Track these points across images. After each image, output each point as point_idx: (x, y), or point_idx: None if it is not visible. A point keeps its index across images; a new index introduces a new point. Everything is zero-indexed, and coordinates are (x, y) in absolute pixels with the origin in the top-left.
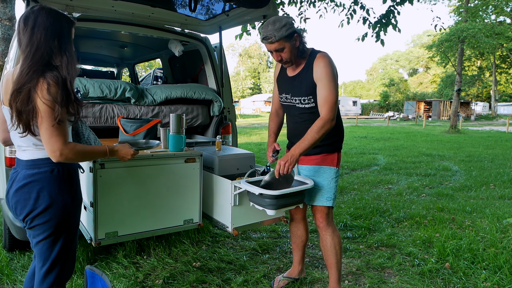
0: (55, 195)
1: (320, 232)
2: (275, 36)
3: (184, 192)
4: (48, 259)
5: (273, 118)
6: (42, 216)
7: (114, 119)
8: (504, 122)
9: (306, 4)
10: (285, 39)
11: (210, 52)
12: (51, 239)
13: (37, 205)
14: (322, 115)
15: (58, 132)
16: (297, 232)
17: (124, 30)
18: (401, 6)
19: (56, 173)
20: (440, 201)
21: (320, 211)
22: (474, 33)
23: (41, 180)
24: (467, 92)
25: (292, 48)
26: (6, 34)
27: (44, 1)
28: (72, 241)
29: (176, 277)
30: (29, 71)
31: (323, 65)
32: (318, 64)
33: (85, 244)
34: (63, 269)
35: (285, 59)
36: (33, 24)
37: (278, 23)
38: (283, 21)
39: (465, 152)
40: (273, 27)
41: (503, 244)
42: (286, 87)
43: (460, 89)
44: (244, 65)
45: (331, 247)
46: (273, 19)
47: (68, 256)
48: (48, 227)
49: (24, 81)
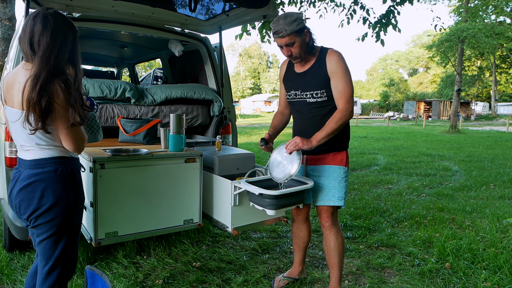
0: (59, 194)
1: (324, 231)
2: (286, 30)
3: (184, 192)
4: (51, 258)
5: (277, 115)
6: (46, 215)
7: (114, 119)
8: (504, 122)
9: (306, 4)
10: (296, 33)
11: (210, 52)
12: (55, 238)
13: (41, 204)
14: (340, 107)
15: (76, 132)
16: (299, 233)
17: (124, 30)
18: (401, 6)
19: (60, 172)
20: (440, 201)
21: (327, 211)
22: (474, 33)
23: (45, 179)
24: (467, 92)
25: (302, 43)
26: (6, 34)
27: (44, 1)
28: (75, 241)
29: (176, 277)
30: (48, 74)
31: (337, 59)
32: (331, 59)
33: (85, 244)
34: (66, 268)
35: (295, 54)
36: (52, 28)
37: (289, 18)
38: (294, 16)
39: (465, 152)
40: (284, 21)
41: (503, 244)
42: (295, 83)
43: (460, 89)
44: (244, 65)
45: (335, 247)
46: (284, 14)
47: (71, 255)
48: (52, 225)
49: (42, 83)
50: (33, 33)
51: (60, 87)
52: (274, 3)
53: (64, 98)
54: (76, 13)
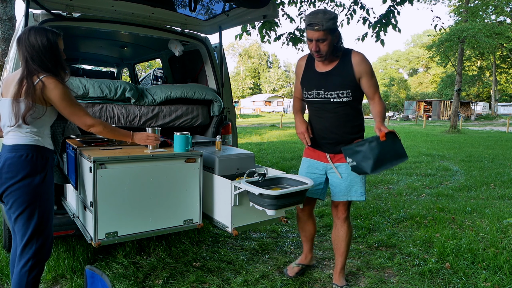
0: (26, 175)
1: (338, 222)
2: (323, 25)
3: (184, 192)
4: (25, 234)
5: (299, 101)
6: (14, 194)
7: (114, 119)
8: (504, 122)
9: (306, 4)
10: (330, 31)
11: (210, 52)
12: (26, 215)
13: (10, 183)
14: (377, 101)
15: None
16: (306, 227)
17: (124, 30)
18: (401, 6)
19: (30, 158)
20: (440, 201)
21: (345, 205)
22: (474, 33)
23: (16, 163)
24: (467, 92)
25: (331, 43)
26: (6, 34)
27: (44, 2)
28: (47, 220)
29: (176, 277)
30: (27, 75)
31: (366, 62)
32: (360, 61)
33: (85, 244)
34: (41, 245)
35: (321, 52)
36: (24, 43)
37: (328, 14)
38: (332, 14)
39: (465, 152)
40: (323, 16)
41: (503, 244)
42: (318, 82)
43: (460, 89)
44: (244, 65)
45: (345, 237)
46: (324, 10)
47: (44, 233)
48: (20, 203)
49: (23, 82)
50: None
51: (48, 81)
52: (274, 3)
53: (54, 87)
54: (76, 13)
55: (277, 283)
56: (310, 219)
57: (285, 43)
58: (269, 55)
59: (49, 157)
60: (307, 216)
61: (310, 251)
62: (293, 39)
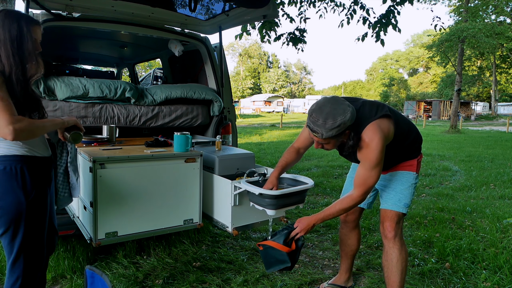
0: (4, 192)
1: (387, 244)
2: (323, 134)
3: (184, 192)
4: (11, 253)
5: (292, 152)
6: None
7: (114, 119)
8: (504, 122)
9: (306, 4)
10: (333, 137)
11: (210, 52)
12: (9, 235)
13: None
14: (354, 195)
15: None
16: (348, 240)
17: (124, 30)
18: (401, 6)
19: (8, 170)
20: (440, 201)
21: (391, 219)
22: (474, 33)
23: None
24: (467, 92)
25: (338, 142)
26: None
27: (44, 2)
28: (35, 237)
29: (176, 277)
30: None
31: (368, 151)
32: (363, 149)
33: (85, 244)
34: (29, 261)
35: (326, 149)
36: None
37: (331, 122)
38: (338, 120)
39: (465, 152)
40: (324, 124)
41: (503, 244)
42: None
43: (460, 89)
44: (244, 65)
45: (397, 264)
46: (327, 112)
47: (31, 250)
48: (2, 222)
49: None
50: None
51: None
52: (274, 3)
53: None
54: (76, 13)
55: (277, 283)
56: (353, 231)
57: (285, 43)
58: (269, 55)
59: (36, 167)
60: (351, 228)
61: (348, 270)
62: (293, 39)
